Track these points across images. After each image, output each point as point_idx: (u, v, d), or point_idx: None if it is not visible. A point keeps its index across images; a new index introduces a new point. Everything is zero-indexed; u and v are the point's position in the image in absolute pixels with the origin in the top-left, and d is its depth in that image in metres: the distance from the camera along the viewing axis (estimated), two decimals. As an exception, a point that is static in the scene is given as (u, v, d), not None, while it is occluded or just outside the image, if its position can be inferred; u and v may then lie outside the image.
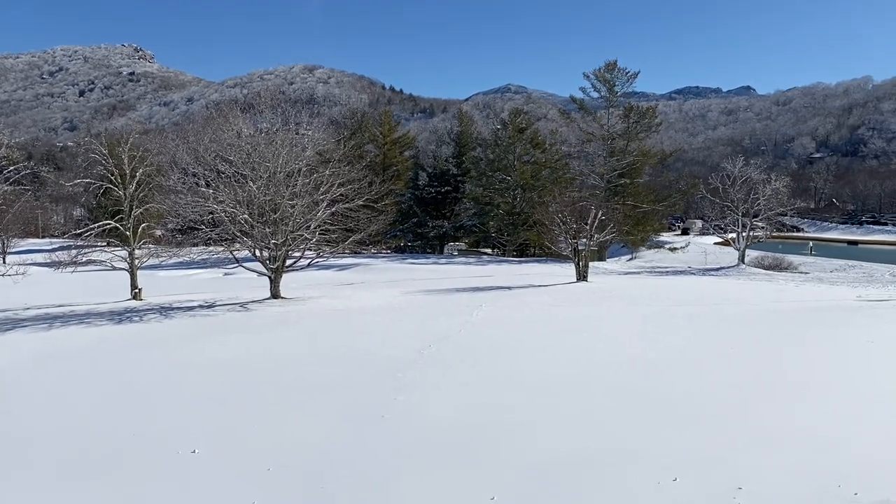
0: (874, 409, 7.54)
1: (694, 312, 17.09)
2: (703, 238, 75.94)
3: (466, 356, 11.46)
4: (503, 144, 54.08)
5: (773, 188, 42.91)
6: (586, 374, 9.85)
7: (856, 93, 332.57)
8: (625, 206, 47.79)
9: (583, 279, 28.26)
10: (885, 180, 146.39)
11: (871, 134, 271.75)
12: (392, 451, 6.68)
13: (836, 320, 14.76)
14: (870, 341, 11.72)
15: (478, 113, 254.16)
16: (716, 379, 9.33)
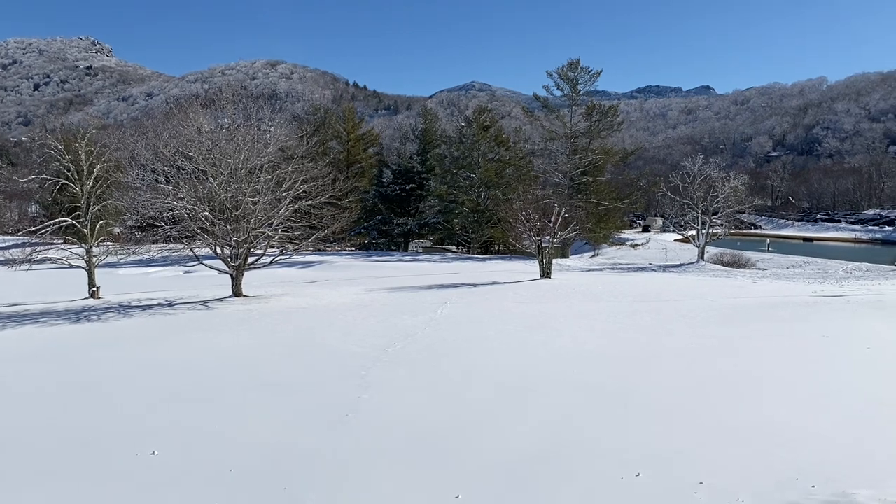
0: (830, 403, 7.74)
1: (655, 309, 17.35)
2: (663, 235, 77.06)
3: (431, 354, 11.47)
4: (468, 142, 54.21)
5: (732, 186, 43.75)
6: (550, 371, 9.94)
7: (811, 93, 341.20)
8: (587, 203, 48.33)
9: (546, 276, 28.48)
10: (839, 179, 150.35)
11: (826, 133, 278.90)
12: (357, 450, 6.66)
13: (793, 315, 15.12)
14: (825, 336, 12.03)
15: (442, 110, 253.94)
16: (677, 374, 9.49)
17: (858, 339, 11.69)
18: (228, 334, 14.45)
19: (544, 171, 54.26)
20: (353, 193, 35.65)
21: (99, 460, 6.56)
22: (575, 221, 31.02)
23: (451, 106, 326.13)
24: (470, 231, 54.04)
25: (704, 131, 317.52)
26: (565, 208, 30.22)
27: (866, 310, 15.57)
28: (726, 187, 43.32)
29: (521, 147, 56.28)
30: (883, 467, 5.63)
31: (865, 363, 9.86)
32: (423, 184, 58.08)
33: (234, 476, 6.06)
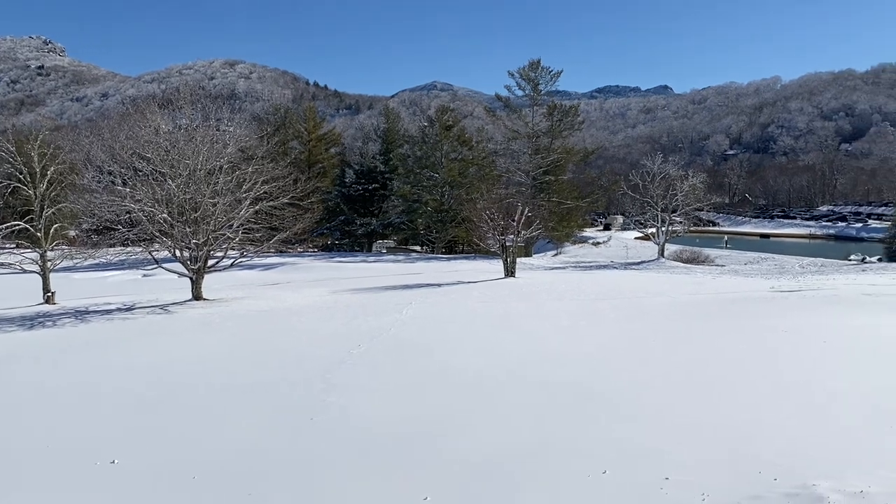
0: (790, 397, 7.91)
1: (617, 306, 17.56)
2: (624, 233, 78.03)
3: (396, 355, 11.42)
4: (430, 142, 54.19)
5: (690, 184, 44.56)
6: (517, 370, 9.97)
7: (766, 92, 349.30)
8: (550, 202, 48.66)
9: (511, 275, 28.62)
10: (794, 176, 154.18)
11: (780, 132, 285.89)
12: (323, 454, 6.59)
13: (752, 311, 15.44)
14: (784, 330, 12.31)
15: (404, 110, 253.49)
16: (641, 372, 9.60)
17: (815, 333, 11.98)
18: (189, 338, 14.20)
19: (507, 171, 54.52)
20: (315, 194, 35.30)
21: (56, 471, 6.37)
22: (538, 220, 31.22)
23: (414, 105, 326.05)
24: (434, 231, 54.03)
25: (663, 130, 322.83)
26: (528, 207, 30.39)
27: (822, 304, 15.98)
28: (685, 185, 44.10)
29: (483, 147, 56.46)
30: (841, 458, 5.77)
31: (822, 357, 10.10)
32: (386, 184, 57.88)
33: (199, 482, 5.95)
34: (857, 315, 13.89)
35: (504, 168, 54.91)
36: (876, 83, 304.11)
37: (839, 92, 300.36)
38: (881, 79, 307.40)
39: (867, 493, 4.92)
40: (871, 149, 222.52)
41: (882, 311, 14.42)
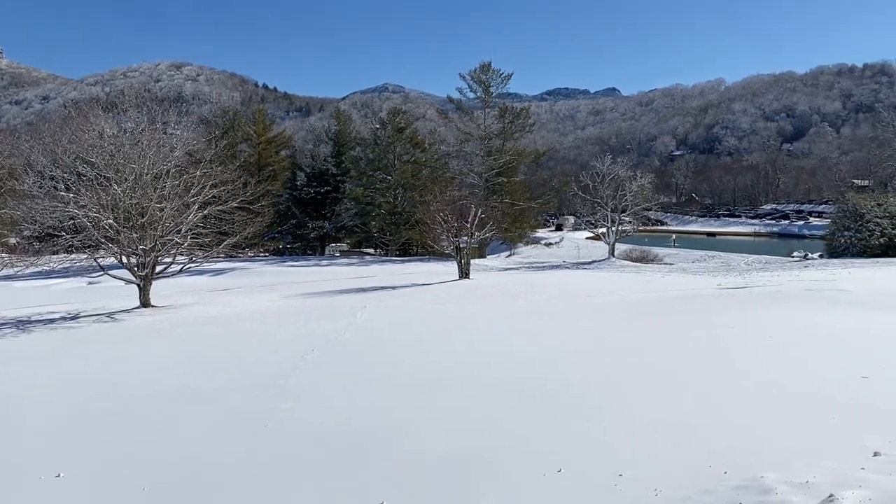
0: (737, 391, 8.11)
1: (570, 305, 17.79)
2: (575, 233, 79.08)
3: (351, 359, 11.35)
4: (383, 144, 54.05)
5: (639, 185, 45.44)
6: (472, 370, 10.01)
7: (710, 94, 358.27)
8: (503, 203, 49.04)
9: (465, 276, 28.72)
10: (738, 175, 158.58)
11: (725, 132, 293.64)
12: (277, 460, 6.50)
13: (700, 308, 15.81)
14: (731, 327, 12.63)
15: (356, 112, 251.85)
16: (593, 370, 9.74)
17: (761, 328, 12.32)
18: (138, 346, 13.86)
19: (460, 173, 54.76)
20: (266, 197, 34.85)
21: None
22: (491, 222, 31.42)
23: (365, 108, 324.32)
24: (388, 233, 53.89)
25: (612, 132, 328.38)
26: (482, 209, 30.57)
27: (767, 300, 16.45)
28: (633, 186, 44.94)
29: (436, 149, 56.59)
30: (787, 450, 5.94)
31: (768, 351, 10.40)
32: (338, 186, 57.50)
33: (149, 494, 5.80)
34: (801, 310, 14.34)
35: (457, 170, 55.13)
36: (814, 85, 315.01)
37: (780, 93, 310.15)
38: (819, 81, 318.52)
39: (812, 483, 5.09)
40: (811, 148, 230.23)
41: (823, 305, 14.93)
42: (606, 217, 45.26)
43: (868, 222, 39.11)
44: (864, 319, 12.83)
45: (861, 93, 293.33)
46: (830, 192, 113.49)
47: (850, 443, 5.98)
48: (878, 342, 10.64)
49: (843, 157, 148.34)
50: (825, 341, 10.88)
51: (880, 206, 39.80)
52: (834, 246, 41.47)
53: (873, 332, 11.54)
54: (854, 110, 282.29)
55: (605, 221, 45.96)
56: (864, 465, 5.39)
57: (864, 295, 16.60)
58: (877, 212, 39.36)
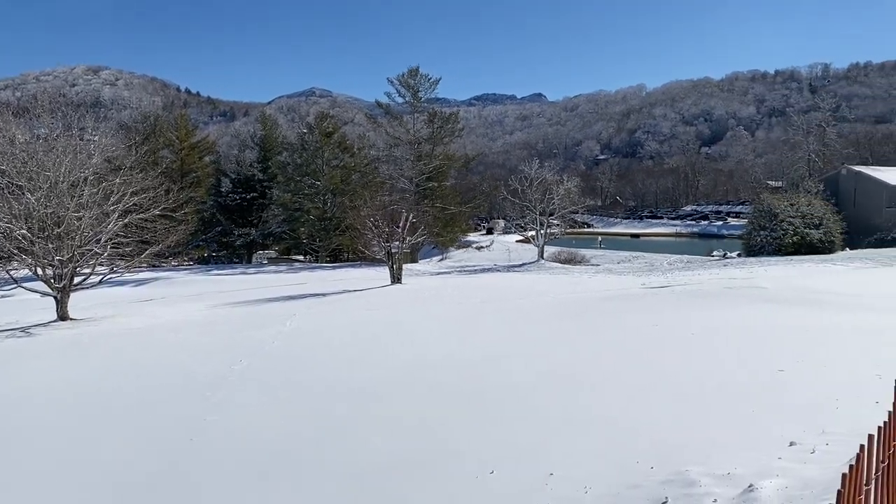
0: (661, 388, 8.40)
1: (502, 308, 18.01)
2: (506, 237, 79.98)
3: (281, 368, 11.18)
4: (311, 148, 53.45)
5: (566, 188, 46.40)
6: (405, 376, 10.02)
7: (632, 99, 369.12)
8: (434, 208, 49.23)
9: (397, 282, 28.68)
10: (660, 178, 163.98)
11: (647, 137, 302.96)
12: (207, 475, 6.35)
13: (625, 307, 16.26)
14: (654, 325, 13.05)
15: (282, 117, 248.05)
16: (525, 371, 9.89)
17: (683, 326, 12.79)
18: (56, 361, 13.26)
19: (390, 177, 54.67)
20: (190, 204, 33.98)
21: None
22: (423, 226, 31.51)
23: (292, 112, 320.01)
24: (317, 239, 53.31)
25: (539, 137, 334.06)
26: (413, 213, 30.60)
27: (689, 299, 17.07)
28: (560, 189, 45.86)
29: (366, 153, 56.41)
30: (710, 443, 6.20)
31: (690, 348, 10.80)
32: (265, 192, 56.54)
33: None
34: (721, 307, 14.96)
35: (387, 175, 55.04)
36: (730, 90, 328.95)
37: (698, 98, 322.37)
38: (734, 86, 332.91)
39: (733, 474, 5.32)
40: (728, 151, 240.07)
41: (742, 302, 15.60)
42: (535, 220, 46.03)
43: (782, 222, 41.17)
44: (779, 315, 13.48)
45: (773, 98, 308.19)
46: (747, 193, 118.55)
47: (769, 434, 6.29)
48: (792, 336, 11.20)
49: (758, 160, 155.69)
50: (744, 337, 11.38)
51: (793, 206, 41.95)
52: (751, 245, 43.41)
53: (788, 327, 12.14)
54: (767, 115, 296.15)
55: (534, 224, 46.73)
56: (781, 455, 5.68)
57: (780, 291, 17.44)
58: (789, 212, 41.47)
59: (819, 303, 15.10)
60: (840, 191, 54.10)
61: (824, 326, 12.02)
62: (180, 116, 61.59)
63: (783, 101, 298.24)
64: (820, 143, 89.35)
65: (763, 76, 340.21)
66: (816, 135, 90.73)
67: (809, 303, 15.13)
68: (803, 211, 41.56)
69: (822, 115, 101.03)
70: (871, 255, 33.71)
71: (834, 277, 23.02)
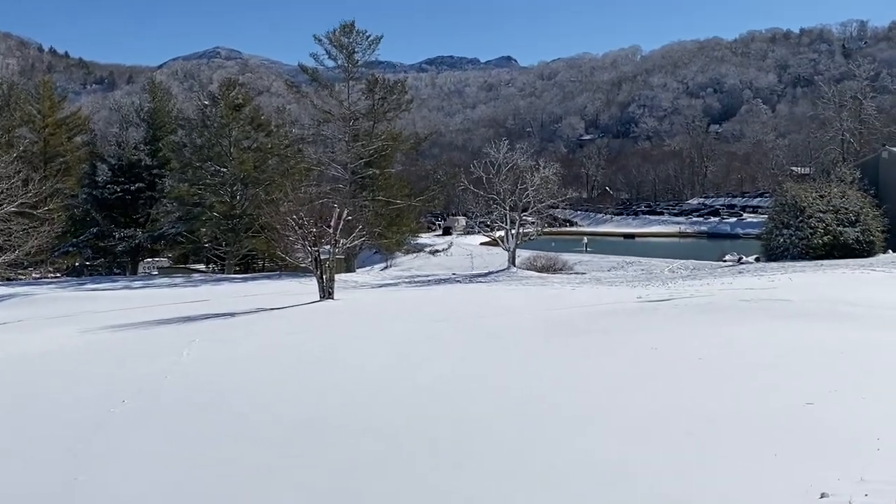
0: (666, 427, 8.45)
1: (462, 328, 18.01)
2: (467, 238, 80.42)
3: (175, 409, 10.97)
4: (214, 126, 52.85)
5: (543, 176, 46.69)
6: (338, 415, 9.92)
7: (624, 65, 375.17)
8: (375, 202, 49.21)
9: (328, 297, 28.48)
10: (659, 164, 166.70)
11: (643, 112, 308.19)
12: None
13: (618, 326, 16.43)
14: (653, 348, 13.20)
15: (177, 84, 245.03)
16: (490, 407, 9.89)
17: (690, 349, 12.96)
18: None
19: (319, 163, 54.37)
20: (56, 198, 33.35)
21: None
22: (361, 225, 31.36)
23: (190, 78, 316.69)
24: (224, 243, 52.75)
25: (508, 111, 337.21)
26: (348, 209, 30.46)
27: (696, 314, 17.34)
28: (536, 178, 46.15)
29: (286, 132, 56.09)
30: (720, 497, 6.26)
31: (699, 376, 10.95)
32: (154, 182, 55.77)
33: None
34: (735, 325, 15.21)
35: (315, 159, 54.73)
36: (745, 54, 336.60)
37: (706, 64, 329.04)
38: (750, 49, 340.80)
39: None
40: (743, 130, 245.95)
41: (761, 318, 15.90)
42: (505, 217, 46.25)
43: (809, 218, 41.97)
44: (807, 334, 13.76)
45: (798, 63, 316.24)
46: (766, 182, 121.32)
47: (794, 482, 6.38)
48: (823, 361, 11.42)
49: (780, 141, 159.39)
50: (764, 361, 11.58)
51: (823, 199, 42.85)
52: (772, 247, 44.33)
53: (818, 348, 12.38)
54: (791, 84, 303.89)
55: (503, 223, 46.96)
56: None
57: (807, 304, 17.82)
58: (819, 205, 42.34)
59: (856, 318, 15.46)
60: (881, 179, 55.34)
61: (863, 348, 12.29)
62: (43, 84, 60.57)
63: (810, 67, 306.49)
64: (856, 120, 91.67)
65: (786, 36, 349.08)
66: (851, 109, 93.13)
67: (844, 318, 15.48)
68: (836, 204, 42.47)
69: (858, 85, 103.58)
70: (919, 259, 34.73)
71: (874, 287, 23.64)
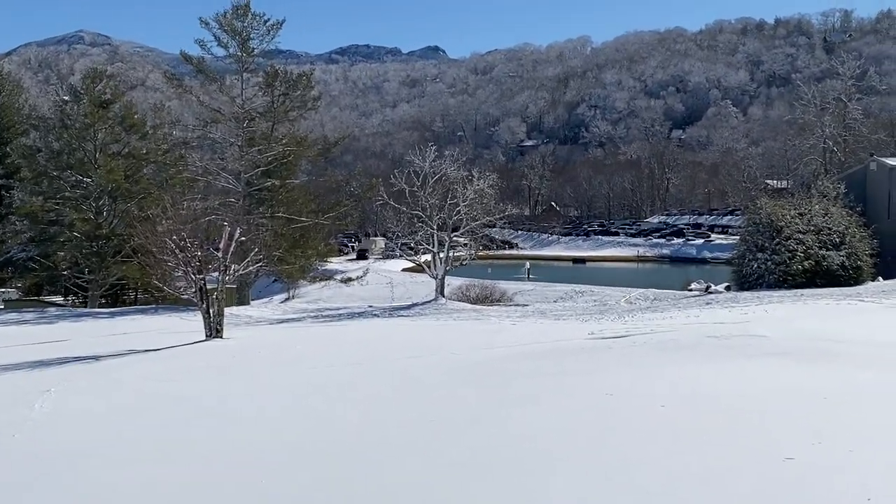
0: (617, 485, 8.52)
1: (379, 371, 17.94)
2: (387, 263, 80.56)
3: (24, 474, 10.67)
4: (76, 126, 52.02)
5: (477, 189, 46.87)
6: (229, 482, 9.76)
7: (572, 58, 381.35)
8: (275, 219, 48.83)
9: (216, 335, 28.10)
10: (614, 175, 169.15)
11: (594, 114, 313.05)
12: None
13: (565, 367, 16.53)
14: (608, 394, 13.31)
15: (30, 76, 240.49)
16: (416, 468, 9.84)
17: (650, 394, 13.11)
18: None
19: (206, 172, 53.73)
20: None
21: None
22: (257, 248, 31.09)
23: (46, 68, 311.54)
24: (87, 270, 51.75)
25: (436, 111, 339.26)
26: (241, 228, 30.14)
27: (657, 353, 17.56)
28: (469, 191, 46.34)
29: (165, 134, 55.41)
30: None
31: (661, 428, 11.06)
32: (0, 196, 54.43)
33: None
34: (702, 365, 15.43)
35: (201, 167, 54.08)
36: (712, 47, 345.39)
37: (667, 59, 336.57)
38: (718, 42, 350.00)
39: None
40: (711, 136, 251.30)
41: (732, 357, 16.17)
42: (432, 238, 46.28)
43: (788, 239, 42.90)
44: (786, 375, 14.04)
45: (773, 59, 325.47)
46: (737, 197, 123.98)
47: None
48: (805, 407, 11.65)
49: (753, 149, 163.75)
50: (735, 409, 11.76)
51: (802, 217, 43.88)
52: (744, 274, 45.25)
53: (798, 392, 12.64)
54: (765, 83, 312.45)
55: (429, 244, 46.97)
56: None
57: (786, 341, 18.20)
58: (798, 225, 43.33)
59: (841, 357, 15.82)
60: (869, 194, 57.02)
61: (850, 392, 12.58)
62: None
63: (787, 63, 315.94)
64: (840, 126, 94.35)
65: (758, 27, 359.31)
66: (835, 113, 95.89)
67: (828, 358, 15.83)
68: (818, 224, 43.50)
69: (841, 85, 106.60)
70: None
71: (862, 320, 24.28)
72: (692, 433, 10.67)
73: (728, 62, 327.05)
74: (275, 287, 57.21)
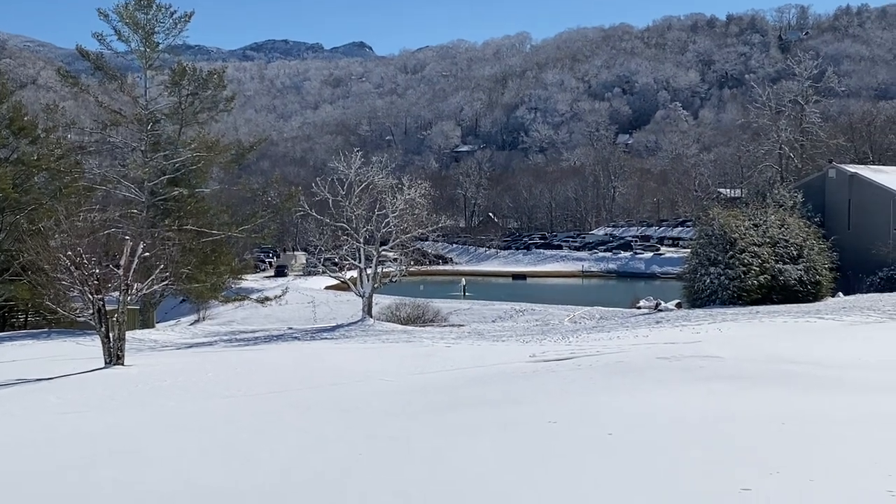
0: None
1: (301, 402, 17.81)
2: (308, 280, 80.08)
3: None
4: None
5: (408, 199, 46.94)
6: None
7: (510, 56, 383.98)
8: (183, 233, 48.31)
9: (117, 362, 27.71)
10: (556, 184, 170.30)
11: (534, 116, 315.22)
12: None
13: (505, 394, 16.55)
14: (551, 422, 13.36)
15: None
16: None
17: (597, 421, 13.18)
18: None
19: (105, 180, 53.07)
20: None
21: None
22: (163, 265, 30.75)
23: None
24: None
25: (362, 113, 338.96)
26: (145, 243, 29.81)
27: (604, 377, 17.69)
28: (399, 201, 46.39)
29: (59, 138, 54.56)
30: None
31: (608, 457, 11.13)
32: None
33: None
34: (652, 389, 15.58)
35: (99, 175, 53.36)
36: (660, 45, 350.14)
37: (612, 58, 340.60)
38: (667, 39, 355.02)
39: None
40: (659, 141, 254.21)
41: (683, 381, 16.36)
42: (358, 252, 46.21)
43: (742, 252, 43.42)
44: (741, 400, 14.22)
45: (725, 58, 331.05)
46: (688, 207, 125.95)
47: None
48: (761, 434, 11.80)
49: (705, 155, 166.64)
50: (687, 437, 11.88)
51: (758, 229, 44.52)
52: (696, 290, 45.78)
53: (754, 419, 12.79)
54: (717, 84, 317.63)
55: (355, 259, 46.90)
56: None
57: (741, 364, 18.45)
58: (753, 237, 43.93)
59: (800, 379, 16.09)
60: (828, 204, 57.98)
61: (810, 416, 12.76)
62: None
63: (740, 63, 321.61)
64: (796, 130, 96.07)
65: (709, 24, 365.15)
66: (791, 116, 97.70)
67: (785, 380, 16.09)
68: (773, 236, 44.17)
69: (798, 86, 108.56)
70: (876, 304, 36.18)
71: (821, 339, 24.71)
72: (641, 464, 10.73)
73: (677, 61, 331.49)
74: (183, 308, 56.58)
